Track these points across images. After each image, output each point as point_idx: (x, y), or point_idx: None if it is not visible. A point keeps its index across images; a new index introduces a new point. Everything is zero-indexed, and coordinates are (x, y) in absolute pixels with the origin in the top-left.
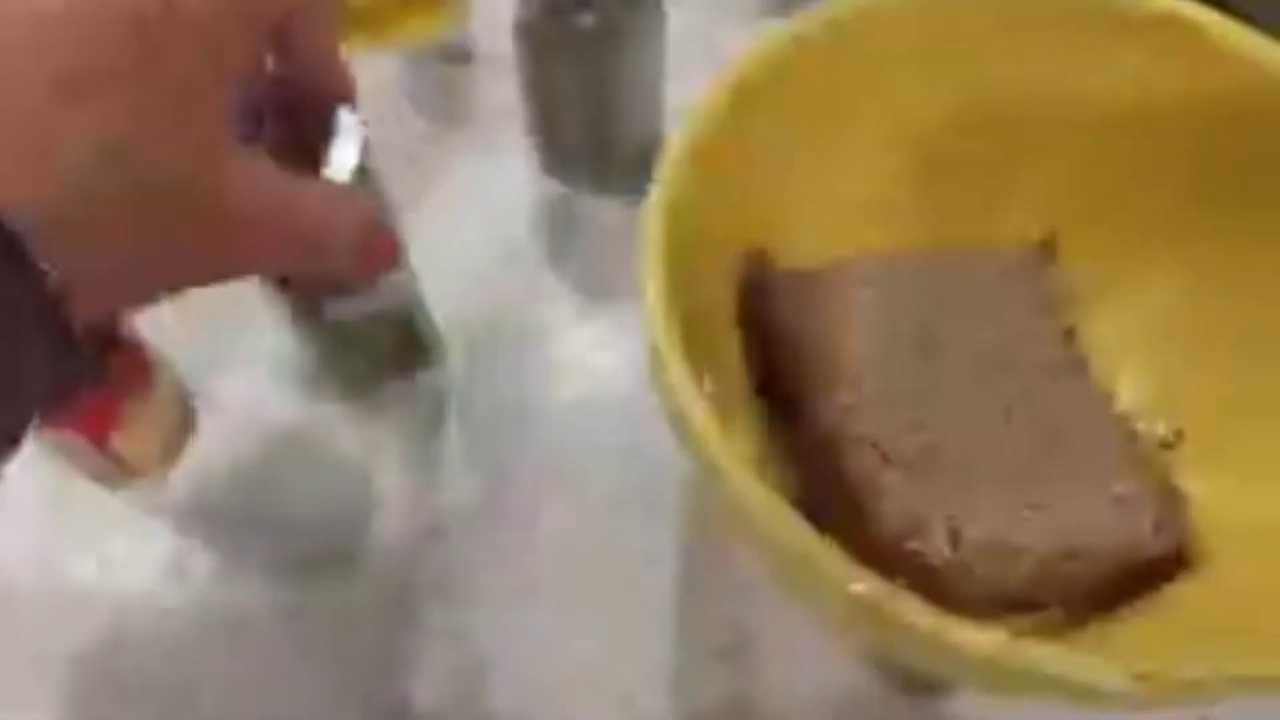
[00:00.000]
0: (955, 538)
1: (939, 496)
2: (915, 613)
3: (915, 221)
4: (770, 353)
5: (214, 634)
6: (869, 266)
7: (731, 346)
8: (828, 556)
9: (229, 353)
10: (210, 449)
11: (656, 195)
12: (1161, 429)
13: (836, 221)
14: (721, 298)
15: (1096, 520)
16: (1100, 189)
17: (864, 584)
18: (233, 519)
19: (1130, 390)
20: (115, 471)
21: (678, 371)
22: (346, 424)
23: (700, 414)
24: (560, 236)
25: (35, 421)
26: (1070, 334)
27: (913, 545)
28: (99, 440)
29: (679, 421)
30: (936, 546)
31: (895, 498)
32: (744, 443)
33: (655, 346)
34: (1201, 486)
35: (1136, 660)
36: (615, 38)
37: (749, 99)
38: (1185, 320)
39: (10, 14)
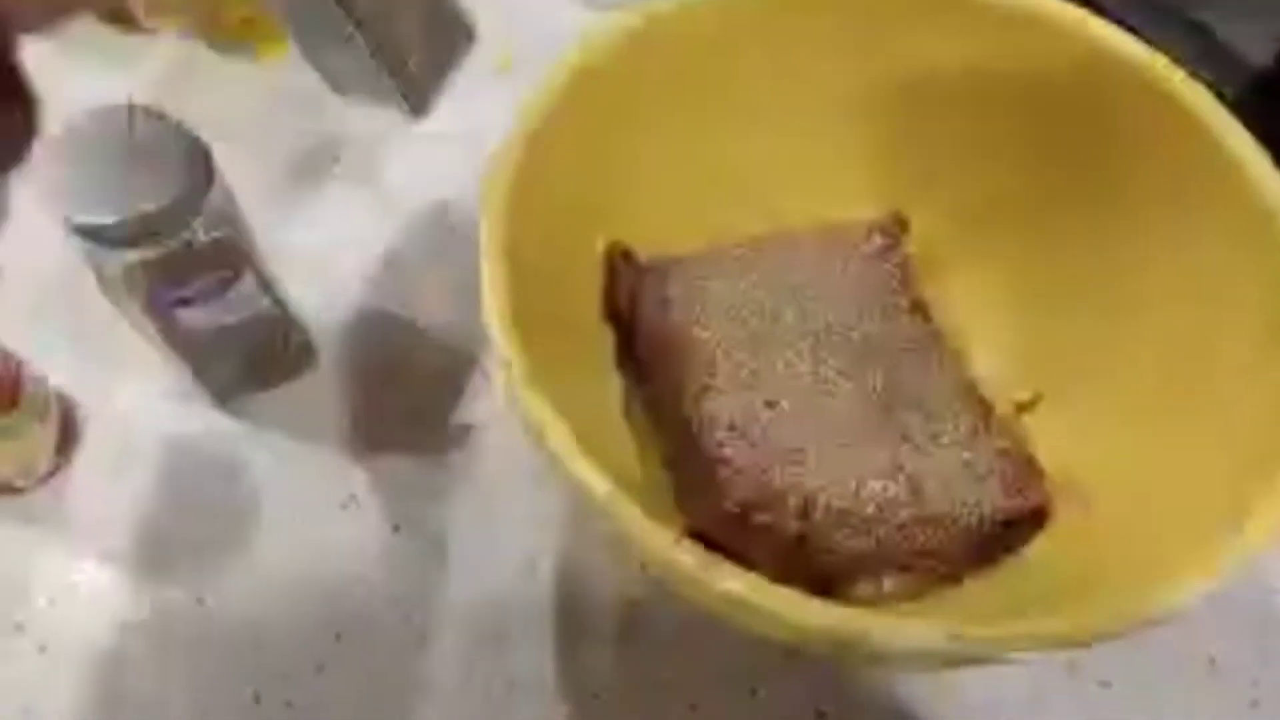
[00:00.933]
0: (806, 510)
1: (790, 471)
2: (733, 579)
3: (766, 202)
4: (630, 336)
5: (99, 651)
6: (721, 255)
7: (593, 315)
8: (657, 534)
9: (111, 363)
10: (95, 458)
11: (493, 176)
12: (1018, 393)
13: (690, 205)
14: (582, 272)
15: (948, 488)
16: (944, 161)
17: (690, 555)
18: (118, 527)
19: (986, 358)
20: None
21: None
22: (226, 431)
23: (559, 434)
24: (437, 237)
25: None
26: (921, 307)
27: (763, 518)
28: None
29: (535, 437)
30: (787, 518)
31: (748, 474)
32: (609, 411)
33: (503, 358)
34: (1059, 446)
35: (984, 618)
36: None
37: (591, 83)
38: (1034, 286)
39: None
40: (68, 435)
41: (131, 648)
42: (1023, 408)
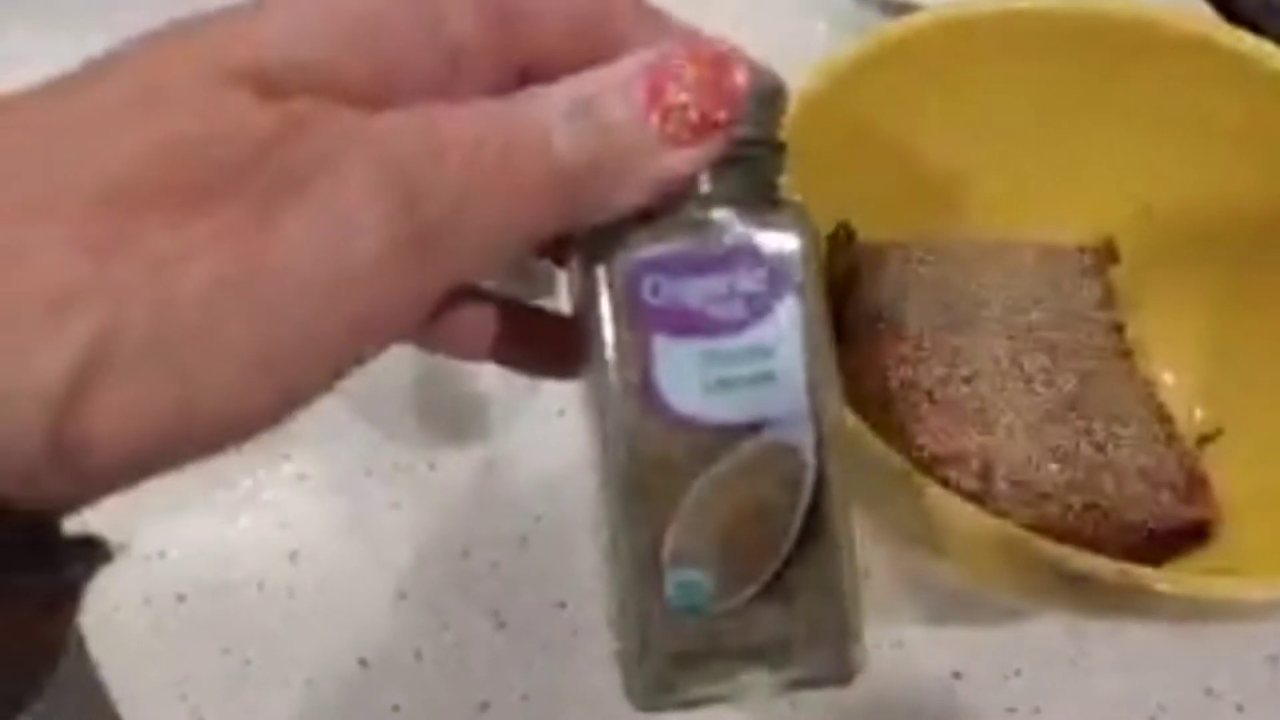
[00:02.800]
0: (986, 473)
1: (977, 438)
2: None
3: (988, 209)
4: (842, 306)
5: (345, 485)
6: (938, 245)
7: None
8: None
9: None
10: None
11: None
12: (1202, 424)
13: (918, 200)
14: None
15: (1121, 486)
16: (1163, 199)
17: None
18: (373, 395)
19: (1174, 386)
20: None
21: None
22: None
23: None
24: None
25: None
26: (1119, 328)
27: (946, 473)
28: None
29: None
30: (968, 476)
31: (935, 432)
32: None
33: None
34: (1232, 477)
35: None
36: None
37: (842, 89)
38: (1232, 331)
39: None
40: None
41: (372, 491)
42: (1204, 439)
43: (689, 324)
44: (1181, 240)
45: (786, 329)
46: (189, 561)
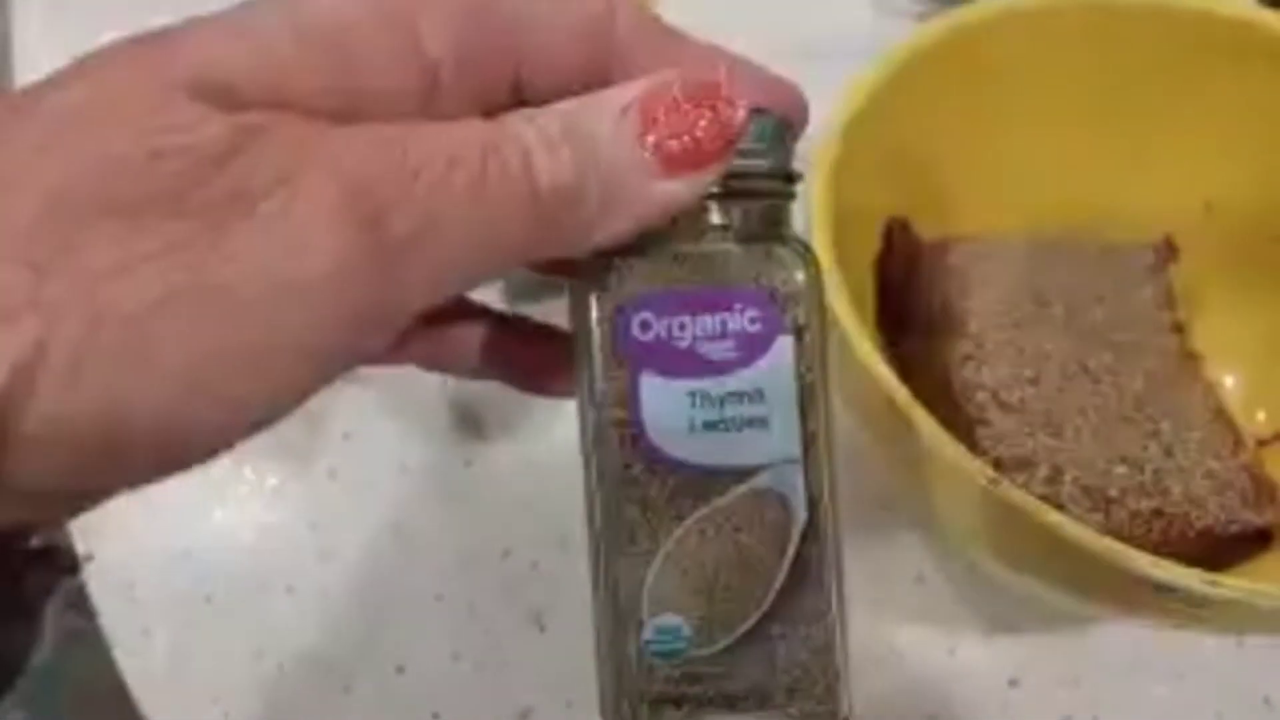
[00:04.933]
0: (1055, 478)
1: (1044, 442)
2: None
3: (1047, 206)
4: (899, 300)
5: (379, 486)
6: (1001, 241)
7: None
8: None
9: None
10: None
11: (820, 162)
12: (1262, 427)
13: (977, 196)
14: (866, 243)
15: (1189, 490)
16: (1225, 198)
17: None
18: (405, 389)
19: (1235, 388)
20: None
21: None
22: None
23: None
24: None
25: None
26: (1180, 328)
27: (1014, 478)
28: None
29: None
30: (1035, 483)
31: (1002, 436)
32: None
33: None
34: None
35: None
36: None
37: (903, 82)
38: None
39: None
40: None
41: (407, 490)
42: (1263, 443)
43: (678, 363)
44: (1241, 240)
45: (781, 372)
46: (215, 561)
